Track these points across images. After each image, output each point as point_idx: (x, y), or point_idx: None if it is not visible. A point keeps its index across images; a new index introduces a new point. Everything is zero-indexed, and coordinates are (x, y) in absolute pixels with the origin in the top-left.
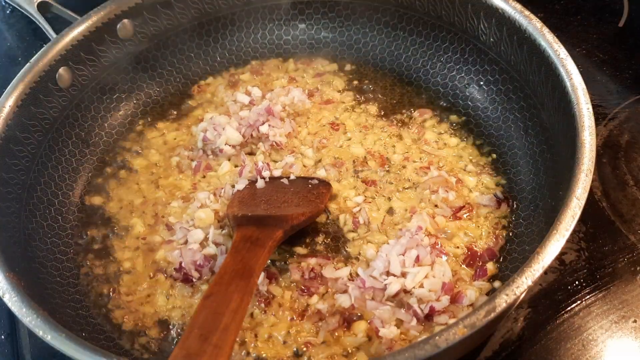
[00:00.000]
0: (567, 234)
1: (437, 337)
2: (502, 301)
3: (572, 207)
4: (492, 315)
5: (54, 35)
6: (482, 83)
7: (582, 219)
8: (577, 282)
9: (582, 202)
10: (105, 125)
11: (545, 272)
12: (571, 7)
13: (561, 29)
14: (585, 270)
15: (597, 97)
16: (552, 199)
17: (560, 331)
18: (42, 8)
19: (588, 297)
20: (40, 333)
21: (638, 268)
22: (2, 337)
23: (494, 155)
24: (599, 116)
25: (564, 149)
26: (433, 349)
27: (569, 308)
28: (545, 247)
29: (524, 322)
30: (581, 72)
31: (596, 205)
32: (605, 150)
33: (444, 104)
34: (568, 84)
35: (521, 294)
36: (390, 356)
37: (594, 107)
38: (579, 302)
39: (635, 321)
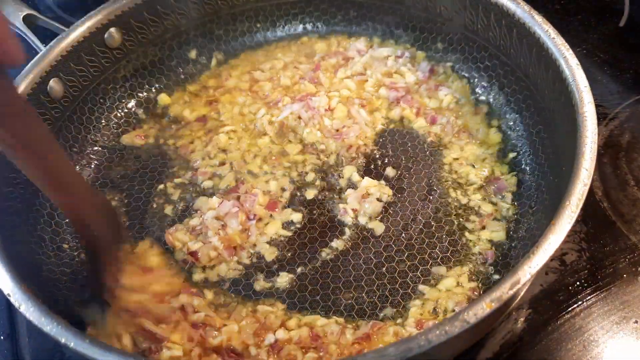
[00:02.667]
0: (581, 204)
1: (465, 313)
2: (526, 273)
3: (582, 178)
4: (517, 287)
5: (42, 47)
6: (467, 67)
7: (583, 219)
8: (578, 283)
9: (591, 173)
10: (99, 135)
11: (546, 273)
12: (571, 7)
13: (561, 29)
14: (586, 271)
15: (598, 97)
16: (554, 176)
17: (561, 332)
18: (28, 21)
19: (589, 297)
20: (63, 340)
21: (639, 268)
22: (2, 337)
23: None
24: (600, 116)
25: (564, 128)
26: (463, 325)
27: (569, 309)
28: (560, 217)
29: (524, 322)
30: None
31: (597, 205)
32: (606, 150)
33: None
34: (562, 62)
35: (542, 265)
36: (422, 334)
37: (595, 107)
38: (579, 302)
39: (636, 322)
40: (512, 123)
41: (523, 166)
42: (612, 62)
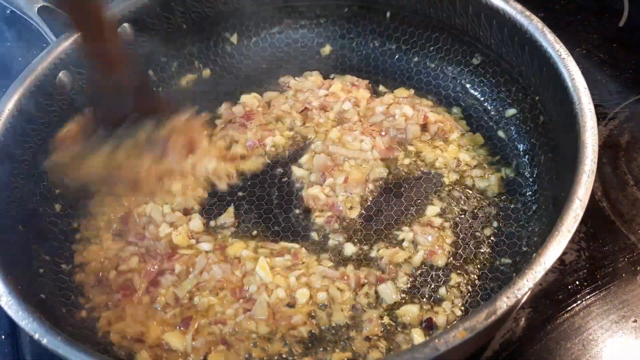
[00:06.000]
0: (569, 236)
1: (436, 340)
2: (503, 304)
3: (574, 208)
4: (493, 318)
5: (54, 39)
6: (478, 81)
7: (582, 219)
8: (577, 282)
9: (585, 203)
10: None
11: (546, 272)
12: (571, 7)
13: (561, 29)
14: (585, 270)
15: (597, 97)
16: (553, 199)
17: (560, 331)
18: (43, 12)
19: (588, 297)
20: (36, 336)
21: (638, 268)
22: (2, 337)
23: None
24: (599, 116)
25: (566, 148)
26: (432, 352)
27: (569, 308)
28: (547, 248)
29: (524, 322)
30: (581, 73)
31: (596, 205)
32: (606, 150)
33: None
34: (570, 84)
35: (522, 296)
36: (389, 358)
37: (594, 107)
38: (579, 302)
39: (635, 321)
40: (511, 123)
41: (523, 166)
42: (611, 62)
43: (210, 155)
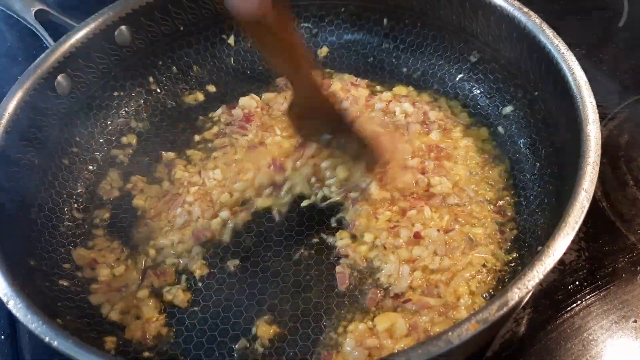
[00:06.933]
0: (577, 227)
1: (450, 333)
2: (515, 295)
3: (580, 200)
4: (505, 309)
5: (52, 43)
6: (476, 78)
7: (583, 219)
8: (577, 282)
9: (590, 194)
10: (105, 132)
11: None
12: (571, 7)
13: (561, 29)
14: (585, 271)
15: (597, 97)
16: (556, 193)
17: (560, 331)
18: (40, 16)
19: (588, 297)
20: (46, 339)
21: (638, 268)
22: (2, 337)
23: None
24: (599, 116)
25: (567, 142)
26: (447, 345)
27: (569, 308)
28: (555, 240)
29: (524, 322)
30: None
31: (596, 205)
32: (605, 150)
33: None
34: (570, 78)
35: (533, 287)
36: (403, 353)
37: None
38: (579, 302)
39: (635, 321)
40: (511, 118)
41: (524, 162)
42: (611, 62)
43: None
